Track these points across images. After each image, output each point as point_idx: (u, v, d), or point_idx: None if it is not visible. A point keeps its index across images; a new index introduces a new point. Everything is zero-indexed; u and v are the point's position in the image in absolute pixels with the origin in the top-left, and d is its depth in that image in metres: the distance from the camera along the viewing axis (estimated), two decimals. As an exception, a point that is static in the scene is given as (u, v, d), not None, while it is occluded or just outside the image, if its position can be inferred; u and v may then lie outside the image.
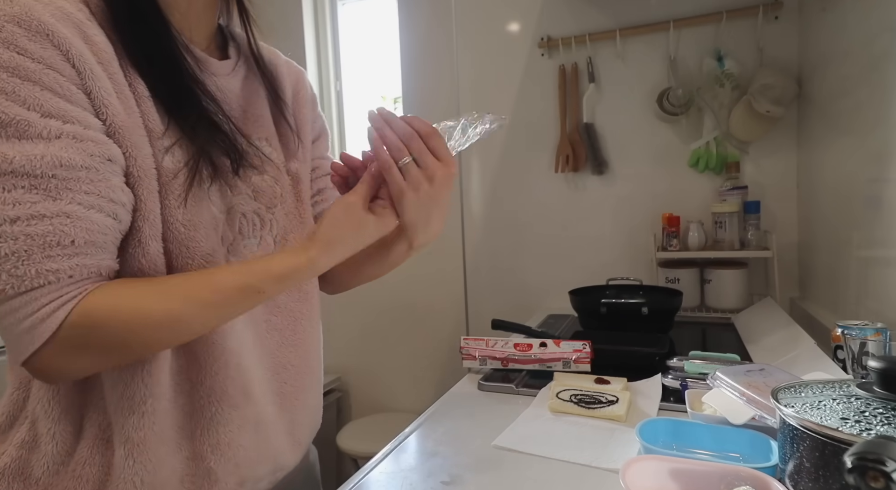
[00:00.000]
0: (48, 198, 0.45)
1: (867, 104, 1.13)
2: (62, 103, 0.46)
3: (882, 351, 0.88)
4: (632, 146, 1.79)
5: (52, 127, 0.46)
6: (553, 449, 0.77)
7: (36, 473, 0.55)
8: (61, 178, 0.46)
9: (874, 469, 0.38)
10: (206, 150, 0.56)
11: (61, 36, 0.46)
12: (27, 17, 0.45)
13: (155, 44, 0.55)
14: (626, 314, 1.35)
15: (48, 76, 0.46)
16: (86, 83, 0.48)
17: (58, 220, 0.45)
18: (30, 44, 0.45)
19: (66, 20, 0.48)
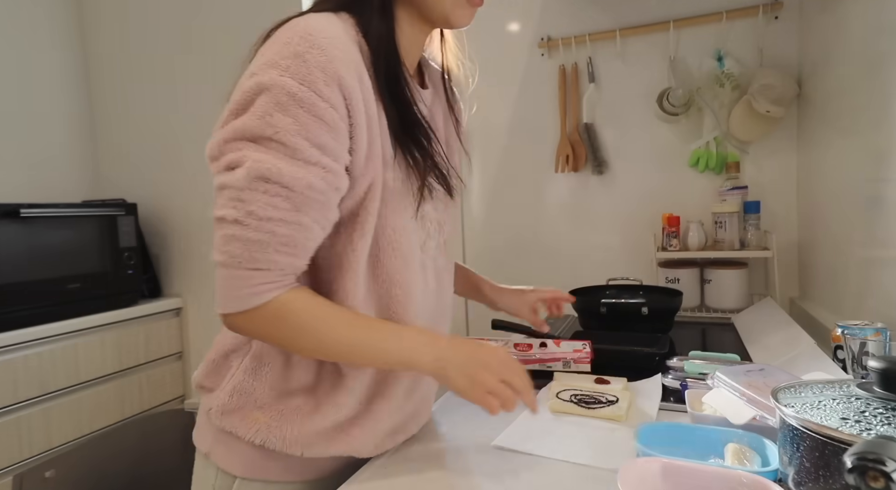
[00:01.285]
0: (294, 209, 0.59)
1: (867, 104, 1.13)
2: (328, 137, 0.59)
3: (882, 351, 0.88)
4: (632, 146, 1.79)
5: (315, 156, 0.59)
6: (553, 449, 0.77)
7: (256, 393, 0.69)
8: (307, 197, 0.59)
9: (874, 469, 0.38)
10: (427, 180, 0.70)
11: (349, 85, 0.60)
12: (330, 68, 0.58)
13: (395, 83, 0.66)
14: (626, 314, 1.35)
15: (330, 114, 0.59)
16: (352, 119, 0.61)
17: (294, 227, 0.59)
18: (325, 88, 0.58)
19: (354, 69, 0.61)
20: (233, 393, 0.70)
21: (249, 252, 0.58)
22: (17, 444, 1.62)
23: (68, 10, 2.29)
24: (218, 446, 0.72)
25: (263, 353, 0.70)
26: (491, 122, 1.96)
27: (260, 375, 0.70)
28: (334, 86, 0.59)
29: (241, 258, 0.58)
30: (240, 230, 0.58)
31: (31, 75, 2.16)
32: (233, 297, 0.60)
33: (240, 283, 0.59)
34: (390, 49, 0.66)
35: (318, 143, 0.59)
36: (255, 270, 0.59)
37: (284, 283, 0.62)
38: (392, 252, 0.68)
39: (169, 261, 2.27)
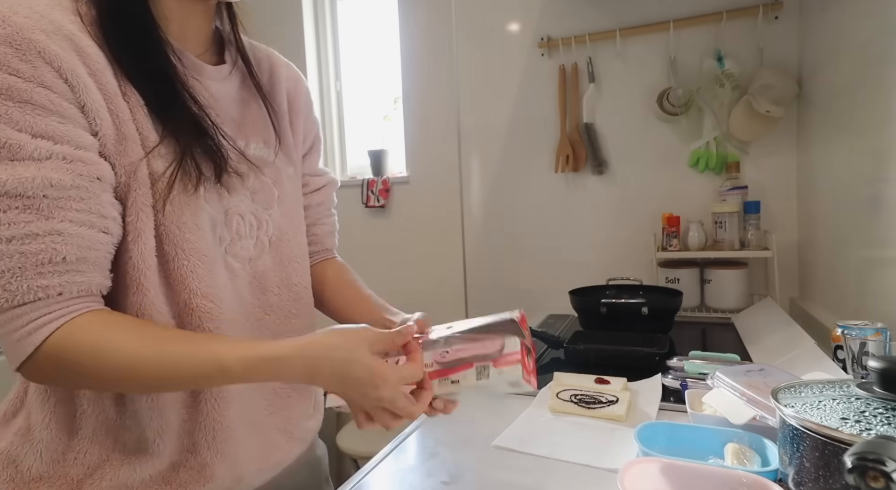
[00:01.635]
0: (41, 217, 0.47)
1: (867, 104, 1.13)
2: (53, 123, 0.48)
3: (882, 351, 0.88)
4: (632, 146, 1.79)
5: (43, 148, 0.47)
6: (553, 449, 0.77)
7: (28, 461, 0.57)
8: (52, 197, 0.47)
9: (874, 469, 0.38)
10: (189, 154, 0.57)
11: (53, 52, 0.47)
12: (18, 37, 0.46)
13: (143, 51, 0.55)
14: (626, 314, 1.35)
15: (40, 95, 0.47)
16: (79, 97, 0.49)
17: (49, 239, 0.47)
18: (21, 64, 0.46)
19: (58, 34, 0.49)
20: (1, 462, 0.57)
21: (3, 287, 0.46)
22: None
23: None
24: None
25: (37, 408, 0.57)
26: (491, 123, 1.96)
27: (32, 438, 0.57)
28: (36, 60, 0.47)
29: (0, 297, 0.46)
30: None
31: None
32: (12, 344, 0.48)
33: (12, 326, 0.47)
34: (130, 13, 0.55)
35: (41, 133, 0.47)
36: (22, 306, 0.47)
37: (68, 311, 0.49)
38: (183, 255, 0.56)
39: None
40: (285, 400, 0.70)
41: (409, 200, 2.16)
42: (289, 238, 0.70)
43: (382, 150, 2.23)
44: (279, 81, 0.74)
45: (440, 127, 2.07)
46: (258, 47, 0.74)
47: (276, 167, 0.68)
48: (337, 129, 2.38)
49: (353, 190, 2.20)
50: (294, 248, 0.71)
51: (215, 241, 0.60)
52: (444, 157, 2.07)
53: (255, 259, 0.65)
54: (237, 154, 0.63)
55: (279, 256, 0.69)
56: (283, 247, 0.69)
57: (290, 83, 0.76)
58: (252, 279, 0.65)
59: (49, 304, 0.48)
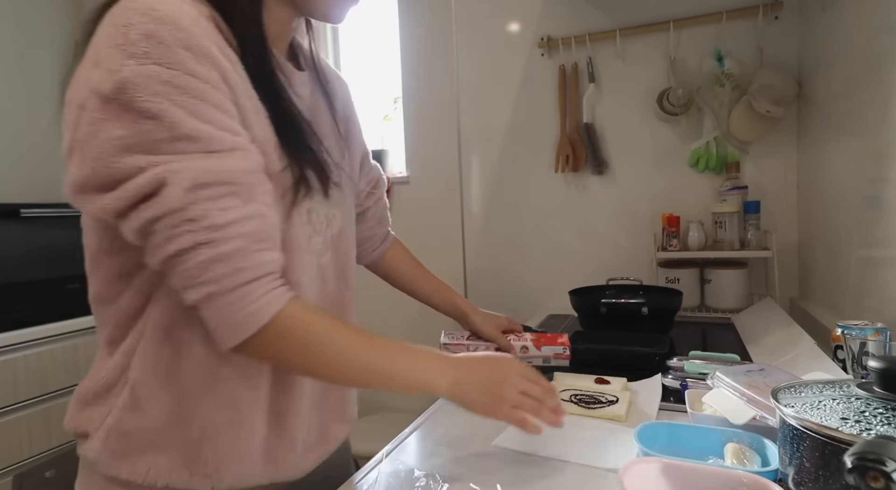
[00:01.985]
0: (246, 201, 0.52)
1: (867, 104, 1.13)
2: (225, 118, 0.52)
3: (882, 351, 0.88)
4: (632, 146, 1.79)
5: (227, 140, 0.52)
6: (553, 449, 0.77)
7: (140, 431, 0.60)
8: (248, 183, 0.53)
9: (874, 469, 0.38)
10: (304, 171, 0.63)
11: (218, 58, 0.52)
12: (194, 43, 0.50)
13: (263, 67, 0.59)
14: (626, 314, 1.35)
15: (214, 95, 0.51)
16: (236, 99, 0.54)
17: (259, 220, 0.53)
18: (198, 67, 0.50)
19: (213, 41, 0.53)
20: (109, 437, 0.60)
21: (236, 266, 0.51)
22: (17, 444, 1.62)
23: (68, 9, 2.29)
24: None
25: (143, 383, 0.59)
26: (491, 123, 1.96)
27: (142, 411, 0.59)
28: (208, 64, 0.51)
29: (230, 278, 0.51)
30: (211, 251, 0.50)
31: (32, 75, 2.16)
32: (238, 322, 0.53)
33: (240, 304, 0.52)
34: (257, 27, 0.58)
35: (223, 126, 0.52)
36: (250, 282, 0.52)
37: (283, 289, 0.55)
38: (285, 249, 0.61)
39: (169, 261, 2.27)
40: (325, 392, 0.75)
41: (409, 200, 2.16)
42: (346, 235, 0.77)
43: (382, 150, 2.23)
44: (337, 90, 0.80)
45: (440, 127, 2.07)
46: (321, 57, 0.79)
47: (341, 171, 0.74)
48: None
49: (353, 190, 2.20)
50: (348, 244, 0.78)
51: (302, 237, 0.66)
52: (444, 157, 2.07)
53: (322, 255, 0.71)
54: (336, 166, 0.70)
55: (337, 251, 0.75)
56: (341, 243, 0.75)
57: (343, 89, 0.83)
58: (318, 272, 0.71)
59: (271, 281, 0.54)
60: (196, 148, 0.50)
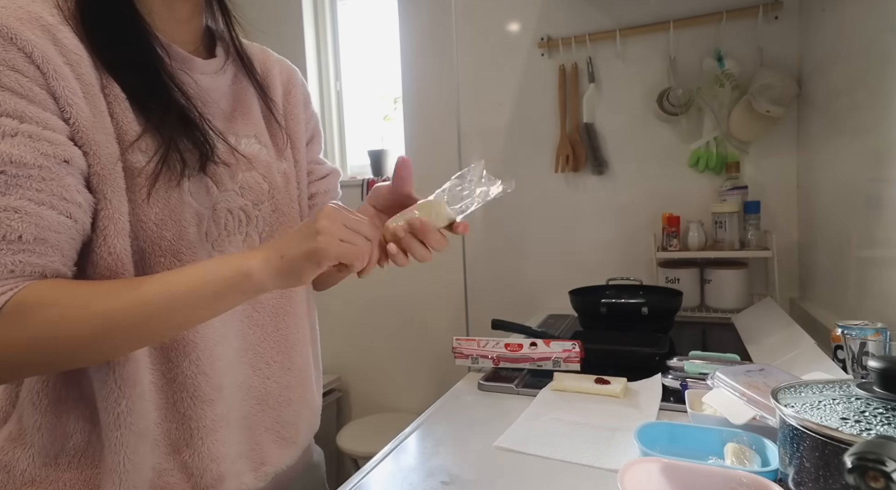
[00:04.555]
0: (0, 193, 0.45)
1: (867, 104, 1.13)
2: (22, 103, 0.47)
3: (882, 351, 0.88)
4: (632, 146, 1.79)
5: (8, 125, 0.46)
6: (553, 449, 0.77)
7: (21, 466, 0.55)
8: (11, 174, 0.46)
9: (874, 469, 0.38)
10: (174, 143, 0.55)
11: (25, 38, 0.47)
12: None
13: (126, 42, 0.55)
14: (626, 314, 1.35)
15: (9, 77, 0.47)
16: (50, 84, 0.49)
17: (5, 215, 0.45)
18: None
19: (34, 23, 0.49)
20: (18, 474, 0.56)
21: None
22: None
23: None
24: None
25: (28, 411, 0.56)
26: (491, 123, 1.96)
27: (25, 442, 0.56)
28: (7, 45, 0.47)
29: None
30: None
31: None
32: None
33: None
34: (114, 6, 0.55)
35: (8, 112, 0.46)
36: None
37: (15, 285, 0.46)
38: (159, 252, 0.56)
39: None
40: (276, 398, 0.69)
41: (409, 200, 2.16)
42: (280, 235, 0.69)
43: (382, 150, 2.23)
44: (273, 77, 0.74)
45: (440, 127, 2.06)
46: (250, 45, 0.74)
47: (267, 163, 0.67)
48: (337, 129, 2.38)
49: (353, 190, 2.20)
50: None
51: (200, 237, 0.59)
52: (444, 157, 2.07)
53: None
54: (225, 146, 0.62)
55: None
56: None
57: (283, 77, 0.76)
58: None
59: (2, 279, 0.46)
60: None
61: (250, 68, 0.70)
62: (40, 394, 0.56)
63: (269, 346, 0.68)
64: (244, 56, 0.70)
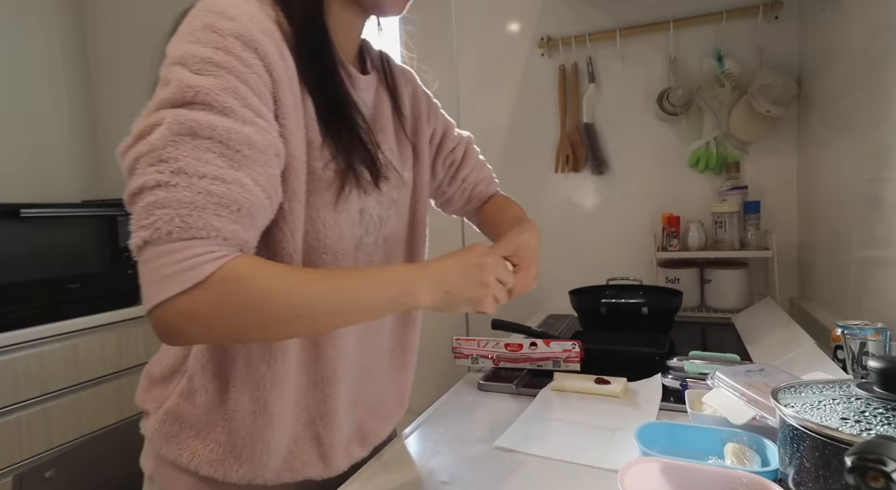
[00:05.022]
0: (232, 166, 0.51)
1: (867, 104, 1.13)
2: (257, 102, 0.54)
3: (882, 351, 0.88)
4: (632, 146, 1.79)
5: (248, 116, 0.53)
6: (553, 449, 0.77)
7: (190, 419, 0.65)
8: (245, 154, 0.52)
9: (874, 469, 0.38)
10: (353, 164, 0.64)
11: (266, 51, 0.55)
12: (245, 34, 0.54)
13: (322, 64, 0.63)
14: (626, 314, 1.35)
15: (252, 79, 0.54)
16: (277, 91, 0.56)
17: (234, 187, 0.51)
18: (244, 53, 0.53)
19: (270, 37, 0.56)
20: (166, 419, 0.66)
21: (181, 217, 0.47)
22: (17, 444, 1.62)
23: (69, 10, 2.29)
24: (160, 471, 0.68)
25: (197, 374, 0.65)
26: (490, 123, 1.96)
27: (193, 401, 0.65)
28: (253, 53, 0.54)
29: (170, 227, 0.47)
30: (164, 193, 0.47)
31: (32, 76, 2.16)
32: (163, 278, 0.47)
33: (171, 258, 0.47)
34: (316, 29, 0.62)
35: (250, 105, 0.53)
36: (190, 240, 0.48)
37: (228, 252, 0.50)
38: (321, 249, 0.63)
39: (169, 261, 2.27)
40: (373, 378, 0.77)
41: (409, 200, 2.16)
42: (396, 238, 0.78)
43: (382, 150, 2.23)
44: (401, 87, 0.81)
45: (440, 127, 2.06)
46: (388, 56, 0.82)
47: (398, 172, 0.75)
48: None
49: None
50: (397, 249, 0.79)
51: (350, 238, 0.66)
52: (444, 157, 2.07)
53: (373, 255, 0.72)
54: (386, 160, 0.70)
55: (387, 254, 0.76)
56: (390, 244, 0.76)
57: (409, 85, 0.84)
58: None
59: (216, 244, 0.50)
60: (212, 110, 0.51)
61: (391, 86, 0.78)
62: (207, 362, 0.65)
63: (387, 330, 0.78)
64: (390, 75, 0.79)
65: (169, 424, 0.66)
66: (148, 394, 0.70)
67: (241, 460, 0.65)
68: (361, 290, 0.56)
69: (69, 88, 2.27)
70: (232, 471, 0.65)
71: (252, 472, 0.65)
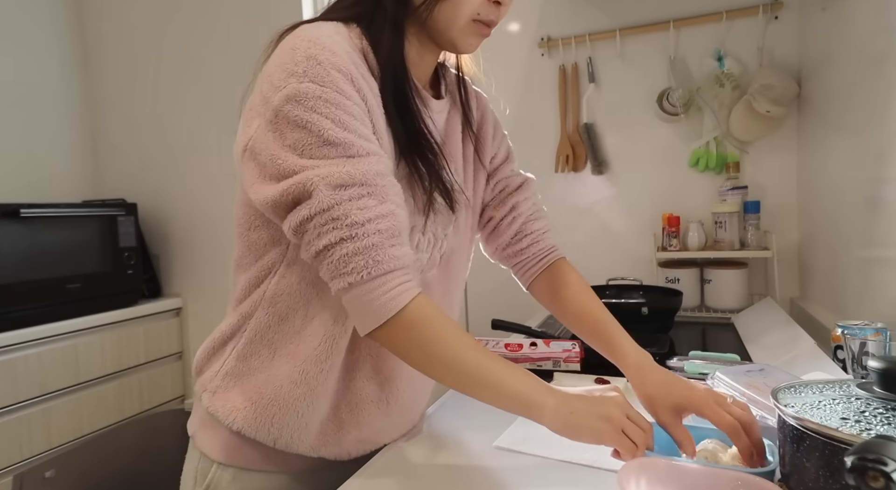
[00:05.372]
0: (381, 201, 0.59)
1: (867, 104, 1.13)
2: (365, 129, 0.61)
3: (882, 351, 0.88)
4: (632, 146, 1.79)
5: (365, 146, 0.59)
6: (553, 449, 0.76)
7: (244, 379, 0.70)
8: (381, 185, 0.60)
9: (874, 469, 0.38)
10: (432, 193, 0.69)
11: (359, 82, 0.61)
12: (344, 67, 0.60)
13: (401, 92, 0.67)
14: (626, 314, 1.35)
15: (356, 110, 0.60)
16: (372, 118, 0.63)
17: (392, 218, 0.59)
18: (345, 85, 0.60)
19: (359, 69, 0.62)
20: (223, 375, 0.71)
21: (373, 259, 0.57)
22: (17, 444, 1.62)
23: (68, 10, 2.29)
24: (201, 430, 0.73)
25: (255, 340, 0.69)
26: (491, 122, 1.96)
27: (249, 362, 0.70)
28: (350, 84, 0.60)
29: (368, 269, 0.57)
30: (352, 245, 0.57)
31: (32, 76, 2.16)
32: (373, 310, 0.59)
33: (375, 293, 0.58)
34: (398, 62, 0.66)
35: (362, 135, 0.60)
36: (386, 274, 0.58)
37: (413, 283, 0.61)
38: None
39: (169, 261, 2.27)
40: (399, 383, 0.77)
41: (409, 200, 2.16)
42: (457, 257, 0.81)
43: (382, 150, 2.23)
44: (474, 110, 0.84)
45: (440, 127, 2.06)
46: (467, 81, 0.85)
47: (464, 195, 0.78)
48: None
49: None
50: (459, 267, 0.83)
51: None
52: (444, 157, 2.07)
53: (426, 271, 0.75)
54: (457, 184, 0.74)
55: (446, 271, 0.79)
56: (451, 263, 0.80)
57: (480, 108, 0.87)
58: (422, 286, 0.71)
59: (405, 274, 0.60)
60: (338, 152, 0.58)
61: (466, 108, 0.82)
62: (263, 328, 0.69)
63: None
64: (465, 98, 0.82)
65: (224, 380, 0.70)
66: (208, 355, 0.74)
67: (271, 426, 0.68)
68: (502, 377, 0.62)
69: (69, 88, 2.27)
70: (261, 433, 0.69)
71: (277, 436, 0.69)
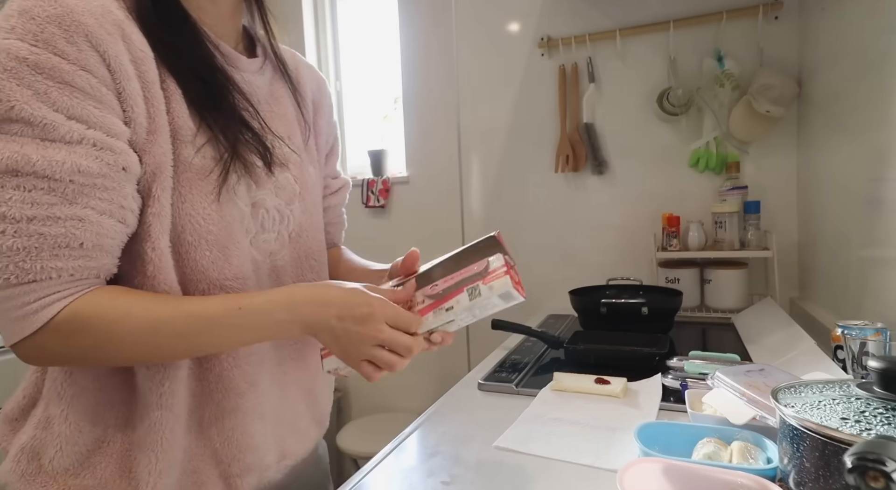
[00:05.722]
0: (65, 201, 0.47)
1: (867, 104, 1.13)
2: (90, 107, 0.48)
3: (882, 351, 0.88)
4: (632, 146, 1.79)
5: (76, 130, 0.47)
6: (553, 449, 0.77)
7: (49, 453, 0.56)
8: (79, 183, 0.48)
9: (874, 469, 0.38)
10: (237, 148, 0.58)
11: (99, 37, 0.48)
12: (68, 18, 0.46)
13: (183, 39, 0.56)
14: (626, 314, 1.35)
15: (81, 78, 0.47)
16: (118, 84, 0.50)
17: (71, 224, 0.47)
18: (67, 45, 0.47)
19: (107, 18, 0.49)
20: (21, 454, 0.57)
21: (15, 264, 0.46)
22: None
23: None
24: None
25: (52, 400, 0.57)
26: (490, 123, 1.96)
27: (51, 429, 0.56)
28: (82, 43, 0.47)
29: (7, 274, 0.46)
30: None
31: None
32: (13, 320, 0.47)
33: (16, 302, 0.47)
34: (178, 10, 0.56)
35: (77, 115, 0.47)
36: (32, 283, 0.47)
37: (76, 290, 0.49)
38: (204, 245, 0.56)
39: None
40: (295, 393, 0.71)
41: (408, 200, 2.16)
42: (308, 235, 0.71)
43: (382, 150, 2.23)
44: (304, 82, 0.76)
45: (440, 127, 2.07)
46: (284, 48, 0.76)
47: (299, 164, 0.69)
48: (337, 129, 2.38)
49: (352, 190, 2.19)
50: (312, 245, 0.72)
51: (242, 232, 0.60)
52: (444, 157, 2.07)
53: (276, 253, 0.66)
54: (278, 141, 0.65)
55: (297, 252, 0.70)
56: (302, 243, 0.70)
57: (313, 84, 0.78)
58: (271, 272, 0.66)
59: (60, 284, 0.48)
60: (31, 133, 0.46)
61: (285, 70, 0.72)
62: (64, 384, 0.57)
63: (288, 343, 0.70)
64: (281, 58, 0.72)
65: (27, 461, 0.57)
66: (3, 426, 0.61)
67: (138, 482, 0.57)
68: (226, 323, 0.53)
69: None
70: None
71: None
